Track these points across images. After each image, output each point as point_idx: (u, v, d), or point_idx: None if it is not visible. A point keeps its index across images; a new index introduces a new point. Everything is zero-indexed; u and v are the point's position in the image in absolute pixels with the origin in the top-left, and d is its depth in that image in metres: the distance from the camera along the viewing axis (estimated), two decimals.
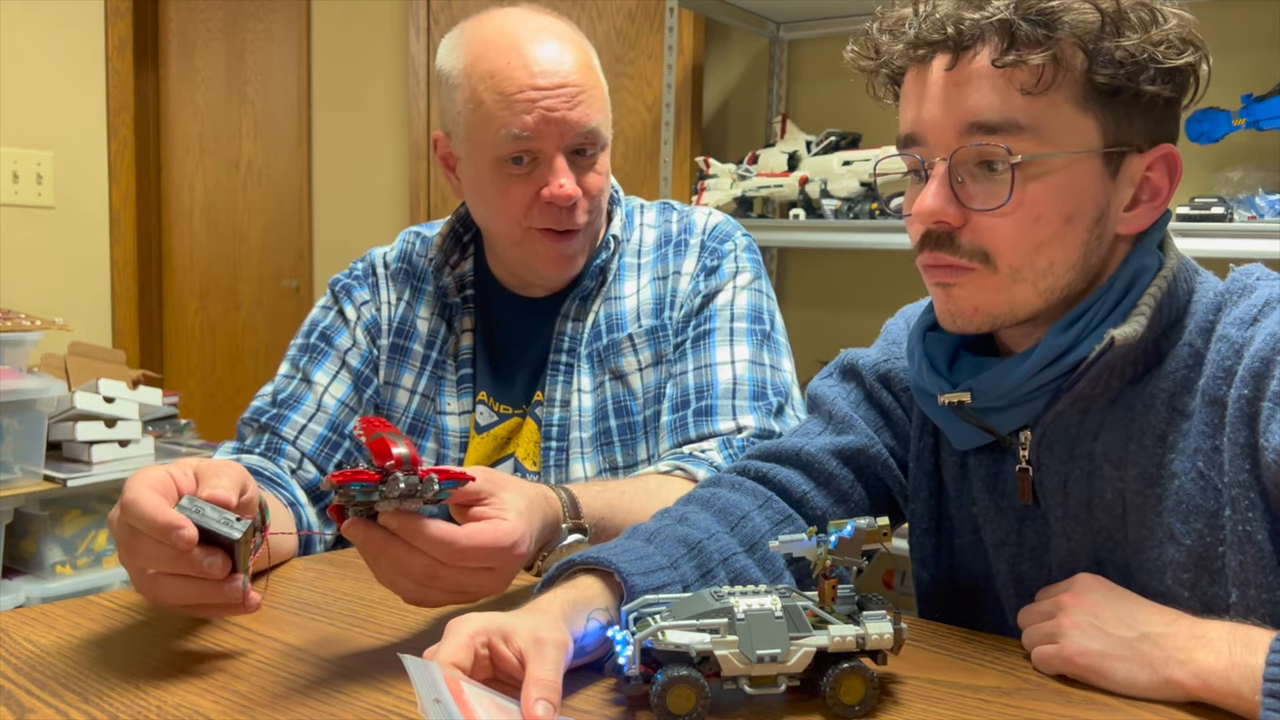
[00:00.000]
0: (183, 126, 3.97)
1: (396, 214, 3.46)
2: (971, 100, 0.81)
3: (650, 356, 1.26)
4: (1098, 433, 0.86)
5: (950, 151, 0.82)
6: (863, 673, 0.74)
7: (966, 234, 0.83)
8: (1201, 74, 0.83)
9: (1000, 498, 0.93)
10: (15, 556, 2.39)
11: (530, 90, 1.15)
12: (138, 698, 0.76)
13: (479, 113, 1.17)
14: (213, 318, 3.95)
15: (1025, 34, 0.79)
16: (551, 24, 1.22)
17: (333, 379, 1.28)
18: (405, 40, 3.39)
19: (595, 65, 1.23)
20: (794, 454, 1.00)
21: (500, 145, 1.16)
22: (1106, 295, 0.84)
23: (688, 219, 1.33)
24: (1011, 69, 0.79)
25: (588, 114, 1.18)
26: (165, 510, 0.79)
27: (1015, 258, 0.82)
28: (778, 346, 1.28)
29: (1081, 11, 0.79)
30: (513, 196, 1.19)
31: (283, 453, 1.23)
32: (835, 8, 2.49)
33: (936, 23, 0.82)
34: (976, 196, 0.82)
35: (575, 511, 0.99)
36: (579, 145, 1.19)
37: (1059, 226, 0.82)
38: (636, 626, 0.75)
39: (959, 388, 0.89)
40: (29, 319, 2.37)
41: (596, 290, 1.29)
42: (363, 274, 1.37)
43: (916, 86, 0.85)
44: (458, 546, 0.80)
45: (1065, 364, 0.84)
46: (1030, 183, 0.81)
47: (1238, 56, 2.10)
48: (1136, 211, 0.85)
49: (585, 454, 1.24)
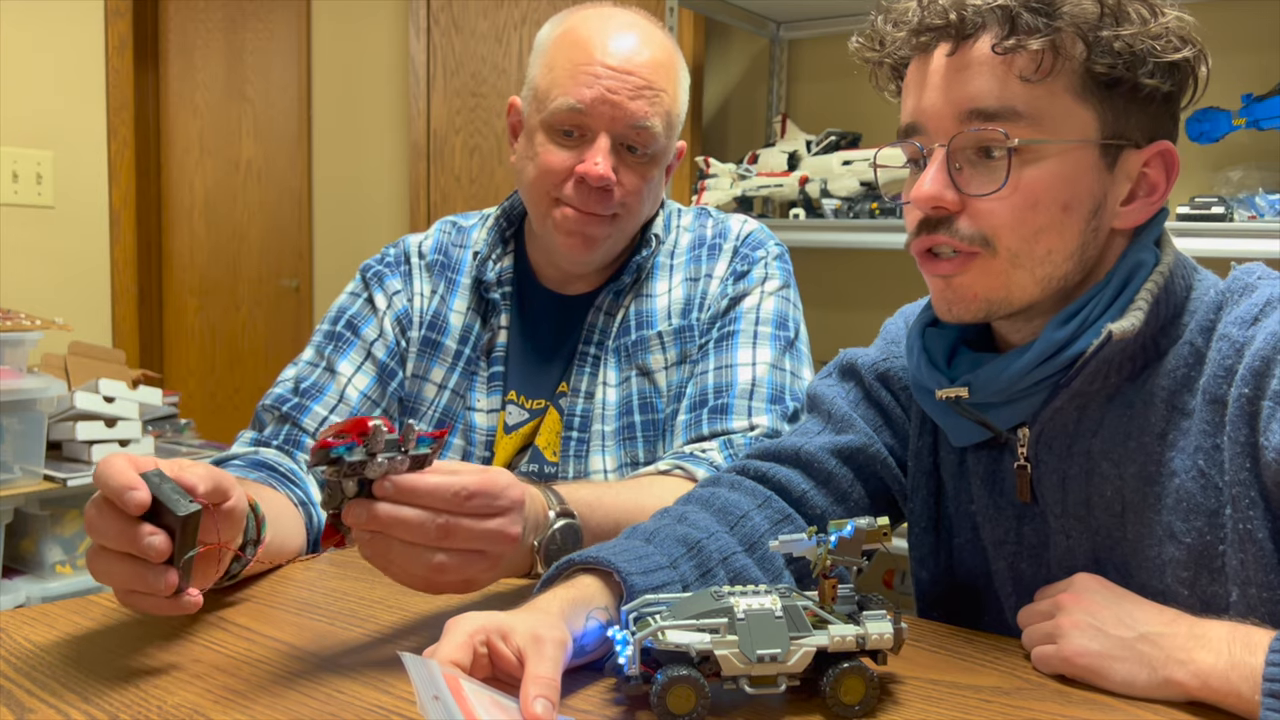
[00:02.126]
0: (182, 126, 3.97)
1: (396, 214, 3.46)
2: (971, 86, 0.82)
3: (676, 355, 1.27)
4: (1096, 430, 0.87)
5: (949, 137, 0.83)
6: (863, 673, 0.74)
7: (964, 220, 0.84)
8: (1200, 73, 0.84)
9: (999, 495, 0.93)
10: (15, 556, 2.39)
11: (599, 67, 1.19)
12: (138, 698, 0.76)
13: (549, 76, 1.21)
14: (212, 317, 3.95)
15: (1026, 21, 0.80)
16: (648, 27, 1.25)
17: (357, 370, 1.28)
18: (405, 40, 3.39)
19: (675, 77, 1.25)
20: (793, 453, 1.00)
21: (556, 112, 1.19)
22: (1104, 290, 0.85)
23: (723, 225, 1.35)
24: (1011, 56, 0.81)
25: (646, 110, 1.19)
26: (128, 472, 0.79)
27: (1014, 241, 0.83)
28: (800, 355, 1.28)
29: (1081, 1, 0.80)
30: (552, 164, 1.21)
31: (301, 445, 1.22)
32: (835, 7, 2.49)
33: (939, 9, 0.83)
34: (973, 181, 0.83)
35: (559, 500, 0.98)
36: (629, 138, 1.20)
37: (1056, 213, 0.82)
38: (636, 626, 0.75)
39: (956, 383, 0.89)
40: (29, 319, 2.37)
41: (631, 286, 1.30)
42: (395, 261, 1.35)
43: (918, 75, 0.87)
44: (457, 483, 0.80)
45: (1063, 359, 0.84)
46: (1027, 168, 0.82)
47: (1238, 56, 2.10)
48: (1133, 206, 0.86)
49: (606, 447, 1.25)
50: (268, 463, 1.16)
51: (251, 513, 0.94)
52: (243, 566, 0.97)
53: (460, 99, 3.28)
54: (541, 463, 1.26)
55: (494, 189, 3.21)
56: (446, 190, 3.32)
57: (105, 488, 0.80)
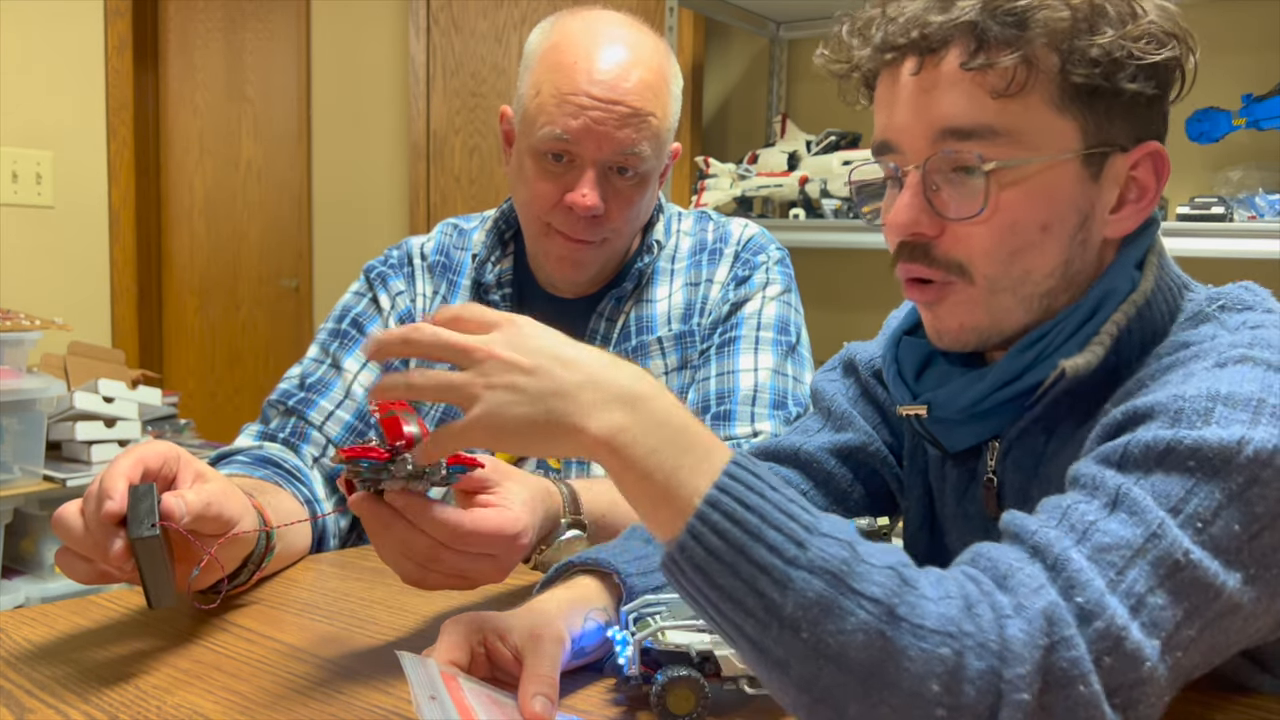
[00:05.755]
0: (182, 126, 3.97)
1: (396, 214, 3.46)
2: (942, 105, 0.77)
3: (676, 361, 1.27)
4: (1059, 450, 0.83)
5: (923, 159, 0.78)
6: None
7: (943, 244, 0.80)
8: (1188, 68, 0.80)
9: (969, 504, 0.92)
10: (15, 556, 2.39)
11: (584, 96, 1.16)
12: (138, 698, 0.76)
13: (535, 101, 1.20)
14: (212, 317, 3.95)
15: (995, 35, 0.75)
16: (636, 39, 1.21)
17: (362, 366, 1.28)
18: (405, 40, 3.39)
19: (666, 92, 1.22)
20: (792, 453, 1.00)
21: (543, 139, 1.18)
22: (1069, 318, 0.80)
23: (724, 229, 1.34)
24: (981, 72, 0.76)
25: (634, 137, 1.17)
26: (117, 480, 0.80)
27: (990, 267, 0.79)
28: (802, 360, 1.28)
29: (1053, 9, 0.75)
30: (541, 190, 1.20)
31: (308, 439, 1.22)
32: (835, 7, 2.47)
33: (902, 26, 0.79)
34: (950, 205, 0.79)
35: (575, 507, 0.99)
36: (618, 164, 1.19)
37: (1034, 235, 0.78)
38: (636, 626, 0.75)
39: (920, 399, 0.87)
40: (29, 319, 2.37)
41: (632, 292, 1.30)
42: (398, 262, 1.36)
43: (888, 90, 0.82)
44: (461, 530, 0.80)
45: (1020, 387, 0.81)
46: (1006, 189, 0.77)
47: (1238, 56, 2.10)
48: (1123, 213, 0.81)
49: None
50: (272, 459, 1.16)
51: (264, 535, 0.95)
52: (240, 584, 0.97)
53: (460, 99, 3.28)
54: (546, 468, 1.26)
55: (494, 189, 3.21)
56: (446, 190, 3.32)
57: (93, 487, 0.81)
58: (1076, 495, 0.65)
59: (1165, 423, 0.66)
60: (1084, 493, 0.65)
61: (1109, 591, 0.58)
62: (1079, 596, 0.58)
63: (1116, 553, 0.60)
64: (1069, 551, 0.60)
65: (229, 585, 0.94)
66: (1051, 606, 0.57)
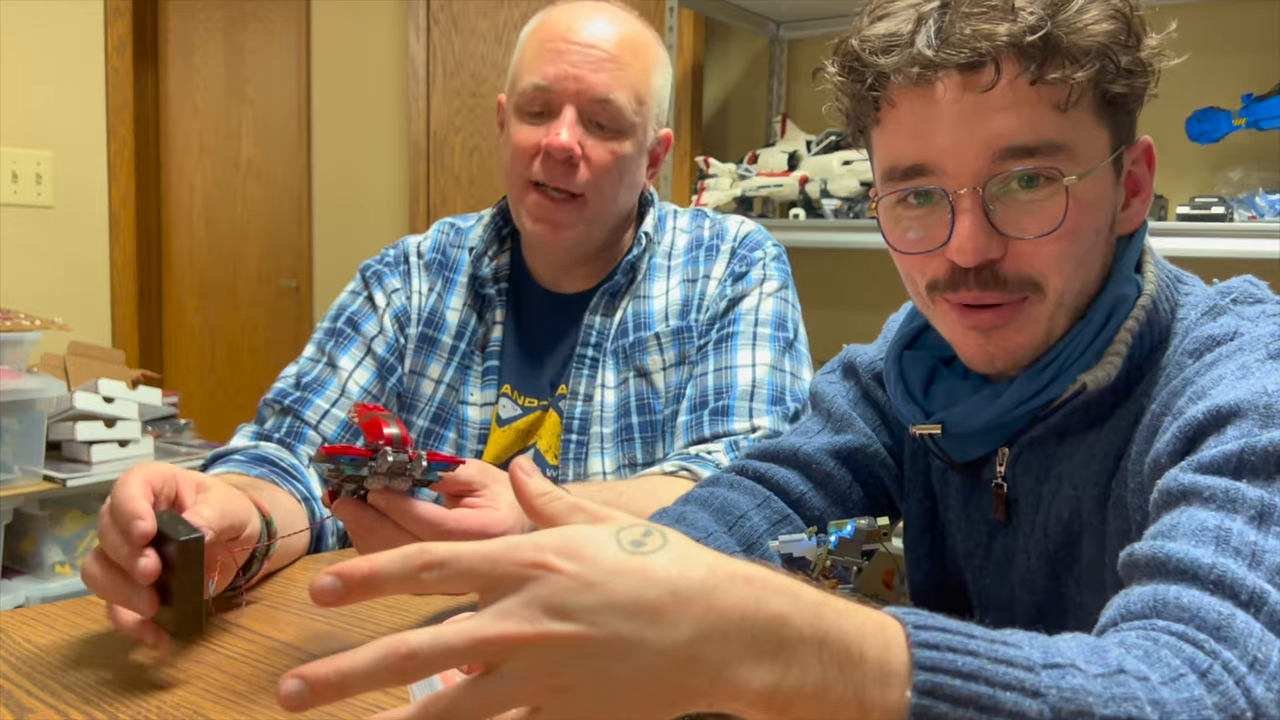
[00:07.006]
0: (182, 126, 3.97)
1: (396, 214, 3.46)
2: (999, 122, 0.75)
3: (674, 357, 1.27)
4: (1071, 454, 0.84)
5: (979, 179, 0.76)
6: None
7: (1010, 263, 0.78)
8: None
9: (975, 509, 0.92)
10: (15, 556, 2.38)
11: (561, 43, 1.20)
12: (138, 698, 0.76)
13: (519, 62, 1.25)
14: (212, 317, 3.95)
15: (1066, 48, 0.74)
16: (621, 15, 1.26)
17: (357, 365, 1.28)
18: (405, 40, 3.39)
19: (646, 55, 1.25)
20: (792, 454, 1.00)
21: (524, 93, 1.21)
22: (1083, 332, 0.80)
23: (720, 226, 1.34)
24: (1047, 87, 0.74)
25: (609, 83, 1.20)
26: (138, 501, 0.79)
27: (1060, 280, 0.78)
28: (799, 356, 1.28)
29: (1109, 21, 0.75)
30: (522, 144, 1.22)
31: (303, 438, 1.22)
32: (835, 7, 2.49)
33: (958, 41, 0.74)
34: (1015, 223, 0.77)
35: None
36: (594, 113, 1.20)
37: (1092, 241, 0.79)
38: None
39: (932, 418, 0.87)
40: (29, 319, 2.37)
41: (626, 287, 1.30)
42: (394, 260, 1.36)
43: (916, 112, 0.78)
44: (444, 528, 0.80)
45: (1037, 403, 0.81)
46: (1073, 201, 0.76)
47: (1238, 56, 2.10)
48: (1130, 209, 0.84)
49: (605, 449, 1.25)
50: (268, 458, 1.16)
51: (265, 529, 0.95)
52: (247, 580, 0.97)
53: (460, 99, 3.28)
54: (544, 466, 1.26)
55: (494, 189, 3.21)
56: (446, 190, 3.32)
57: (116, 513, 0.80)
58: (1210, 513, 0.63)
59: (1259, 421, 0.65)
60: (1219, 510, 0.63)
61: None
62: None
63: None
64: (1260, 584, 0.58)
65: (243, 578, 0.94)
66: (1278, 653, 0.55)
